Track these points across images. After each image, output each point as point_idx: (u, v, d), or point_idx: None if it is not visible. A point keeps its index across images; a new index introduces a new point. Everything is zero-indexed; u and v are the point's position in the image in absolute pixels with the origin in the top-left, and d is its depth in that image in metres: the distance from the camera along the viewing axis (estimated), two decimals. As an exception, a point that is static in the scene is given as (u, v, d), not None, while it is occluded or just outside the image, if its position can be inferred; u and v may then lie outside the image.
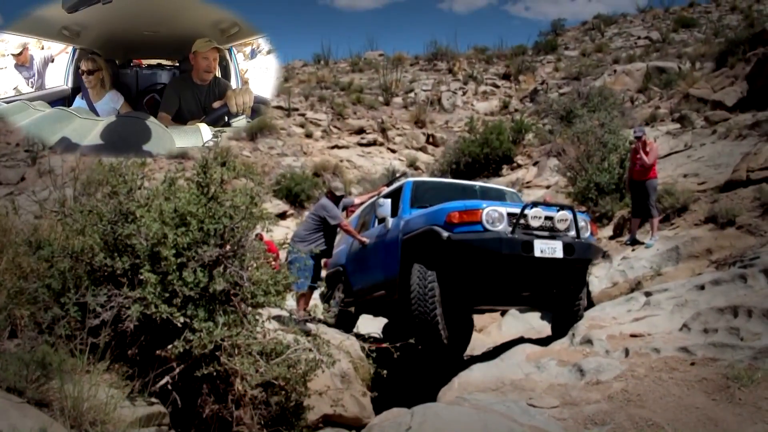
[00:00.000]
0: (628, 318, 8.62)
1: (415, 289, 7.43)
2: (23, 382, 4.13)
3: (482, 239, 7.17)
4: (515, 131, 26.52)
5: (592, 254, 7.89)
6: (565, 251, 7.40)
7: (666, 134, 18.48)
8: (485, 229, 7.21)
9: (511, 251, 7.14)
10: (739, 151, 13.64)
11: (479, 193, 9.51)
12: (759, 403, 5.35)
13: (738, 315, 7.02)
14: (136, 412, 4.63)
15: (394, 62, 45.67)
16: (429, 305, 7.31)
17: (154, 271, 5.12)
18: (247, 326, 5.47)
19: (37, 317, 5.00)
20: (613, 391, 6.14)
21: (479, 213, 7.26)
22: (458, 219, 7.34)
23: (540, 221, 7.44)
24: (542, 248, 7.26)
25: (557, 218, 7.59)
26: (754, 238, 9.99)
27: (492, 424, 5.49)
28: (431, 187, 9.59)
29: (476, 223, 7.25)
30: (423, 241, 7.70)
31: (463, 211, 7.40)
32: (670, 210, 12.22)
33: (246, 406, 5.77)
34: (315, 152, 31.04)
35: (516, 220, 7.27)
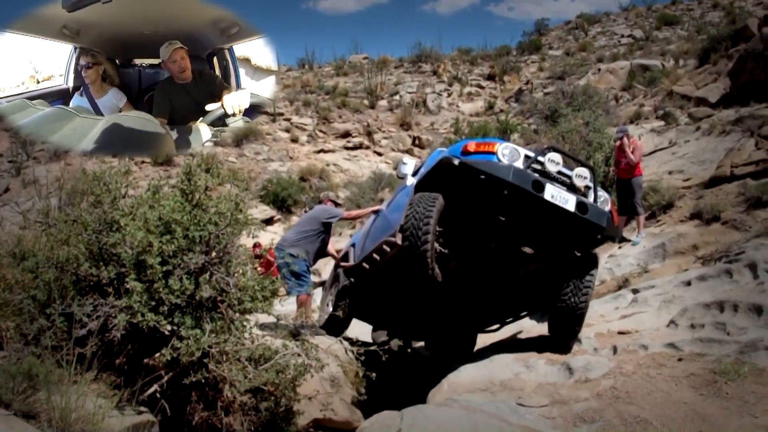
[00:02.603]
0: (615, 315, 8.67)
1: (411, 212, 6.87)
2: (9, 394, 4.10)
3: (493, 166, 6.74)
4: (501, 131, 26.53)
5: (607, 224, 7.12)
6: (578, 207, 6.81)
7: (650, 132, 18.59)
8: (499, 160, 6.85)
9: (520, 183, 6.62)
10: (722, 147, 13.76)
11: None
12: (745, 397, 5.39)
13: (724, 310, 7.08)
14: (124, 422, 4.60)
15: (379, 65, 45.68)
16: (422, 229, 6.69)
17: (139, 280, 5.10)
18: (234, 332, 5.45)
19: (22, 329, 4.96)
20: (602, 388, 6.16)
21: (495, 145, 6.99)
22: (474, 148, 7.05)
23: (557, 167, 7.08)
24: (554, 194, 6.72)
25: (576, 173, 7.10)
26: (739, 233, 10.07)
27: (481, 425, 5.50)
28: None
29: (491, 153, 6.92)
30: (435, 174, 7.31)
31: (480, 142, 7.14)
32: (655, 207, 12.32)
33: (235, 412, 5.75)
34: (301, 157, 31.02)
35: (531, 160, 6.95)
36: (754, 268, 7.95)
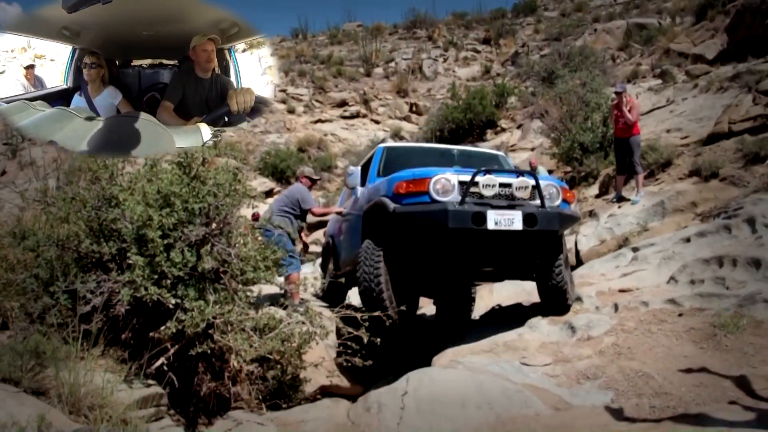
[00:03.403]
0: (616, 274, 8.72)
1: (362, 266, 6.81)
2: (18, 372, 4.15)
3: (427, 211, 6.43)
4: (498, 95, 26.48)
5: (559, 224, 6.79)
6: (525, 222, 6.45)
7: (648, 90, 18.51)
8: (432, 200, 6.46)
9: (459, 225, 6.32)
10: (720, 104, 13.70)
11: (457, 158, 8.71)
12: (745, 349, 5.45)
13: (723, 265, 7.12)
14: (133, 395, 4.66)
15: (373, 32, 45.40)
16: (375, 285, 6.68)
17: (141, 254, 5.14)
18: (238, 303, 5.50)
19: (27, 308, 5.01)
20: (604, 345, 6.22)
21: (426, 183, 6.52)
22: (405, 189, 6.64)
23: (494, 189, 6.58)
24: (497, 219, 6.37)
25: (516, 185, 6.70)
26: (737, 189, 10.09)
27: (486, 385, 5.57)
28: (405, 152, 8.93)
29: (423, 193, 6.52)
30: (374, 215, 7.12)
31: (410, 180, 6.68)
32: (654, 165, 12.31)
33: (243, 382, 5.83)
34: (298, 128, 30.94)
35: (465, 189, 6.45)
36: (752, 222, 7.97)
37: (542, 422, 4.93)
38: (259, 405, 5.93)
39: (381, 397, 5.83)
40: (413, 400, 5.56)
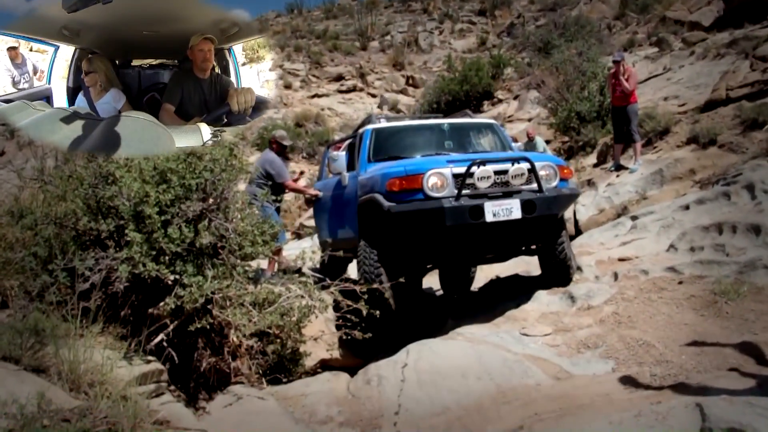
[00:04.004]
0: (615, 243, 8.71)
1: (362, 265, 6.87)
2: (18, 350, 4.14)
3: (423, 210, 6.38)
4: (494, 66, 26.34)
5: (558, 207, 6.80)
6: (524, 210, 6.40)
7: (644, 59, 18.43)
8: (427, 196, 6.37)
9: (456, 222, 6.32)
10: (717, 71, 13.64)
11: (448, 133, 8.39)
12: (745, 315, 5.45)
13: (723, 231, 7.11)
14: (133, 371, 4.66)
15: (368, 6, 45.10)
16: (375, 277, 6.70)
17: (139, 231, 5.11)
18: (236, 278, 5.49)
19: (26, 286, 5.00)
20: (604, 314, 6.22)
21: (419, 178, 6.41)
22: (398, 186, 6.54)
23: (489, 181, 6.49)
24: (495, 211, 6.32)
25: (511, 173, 6.58)
26: (736, 155, 10.05)
27: (486, 355, 5.59)
28: (394, 132, 8.53)
29: (418, 190, 6.41)
30: (368, 211, 7.07)
31: (402, 177, 6.56)
32: (652, 134, 12.26)
33: (242, 356, 5.83)
34: (295, 103, 30.80)
35: (461, 183, 6.36)
36: (751, 189, 7.95)
37: (543, 392, 4.94)
38: (259, 380, 5.93)
39: (381, 370, 5.85)
40: (414, 372, 5.58)
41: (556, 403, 4.70)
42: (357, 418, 5.27)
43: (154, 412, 4.40)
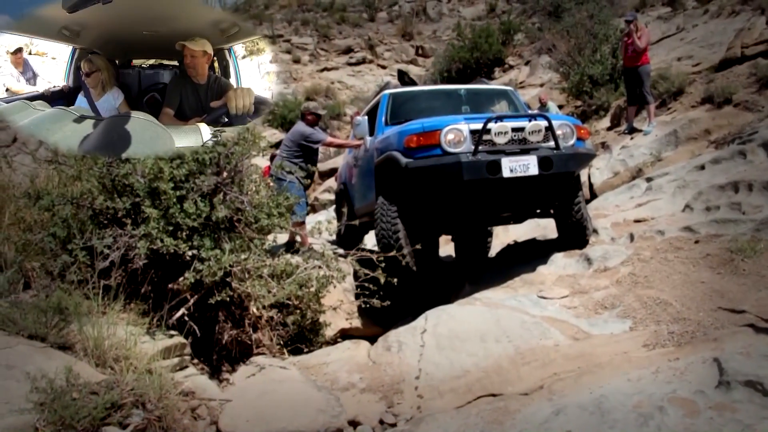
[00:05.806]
0: (631, 205, 8.69)
1: (379, 225, 6.89)
2: (44, 328, 4.23)
3: (441, 164, 6.38)
4: (504, 33, 26.14)
5: (575, 165, 6.77)
6: (541, 166, 6.38)
7: (657, 19, 18.22)
8: (445, 152, 6.40)
9: (474, 176, 6.29)
10: (732, 29, 13.45)
11: (465, 98, 8.50)
12: (762, 272, 5.43)
13: (739, 190, 7.07)
14: (156, 346, 4.74)
15: (375, -24, 44.60)
16: (395, 242, 6.72)
17: (155, 207, 5.18)
18: (254, 250, 5.54)
19: (47, 266, 5.07)
20: (621, 275, 6.22)
21: (437, 134, 6.43)
22: (416, 143, 6.57)
23: (507, 136, 6.48)
24: (512, 167, 6.32)
25: (528, 129, 6.56)
26: (751, 114, 9.96)
27: (504, 319, 5.62)
28: (410, 97, 8.62)
29: (435, 146, 6.45)
30: (386, 169, 7.09)
31: (420, 133, 6.58)
32: (665, 95, 12.15)
33: (263, 328, 5.90)
34: (305, 77, 30.75)
35: (478, 139, 6.36)
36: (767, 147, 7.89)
37: (561, 352, 4.97)
38: (280, 350, 6.01)
39: (401, 336, 5.90)
40: (433, 337, 5.64)
41: (574, 363, 4.74)
42: (378, 383, 5.33)
43: (179, 384, 4.49)
